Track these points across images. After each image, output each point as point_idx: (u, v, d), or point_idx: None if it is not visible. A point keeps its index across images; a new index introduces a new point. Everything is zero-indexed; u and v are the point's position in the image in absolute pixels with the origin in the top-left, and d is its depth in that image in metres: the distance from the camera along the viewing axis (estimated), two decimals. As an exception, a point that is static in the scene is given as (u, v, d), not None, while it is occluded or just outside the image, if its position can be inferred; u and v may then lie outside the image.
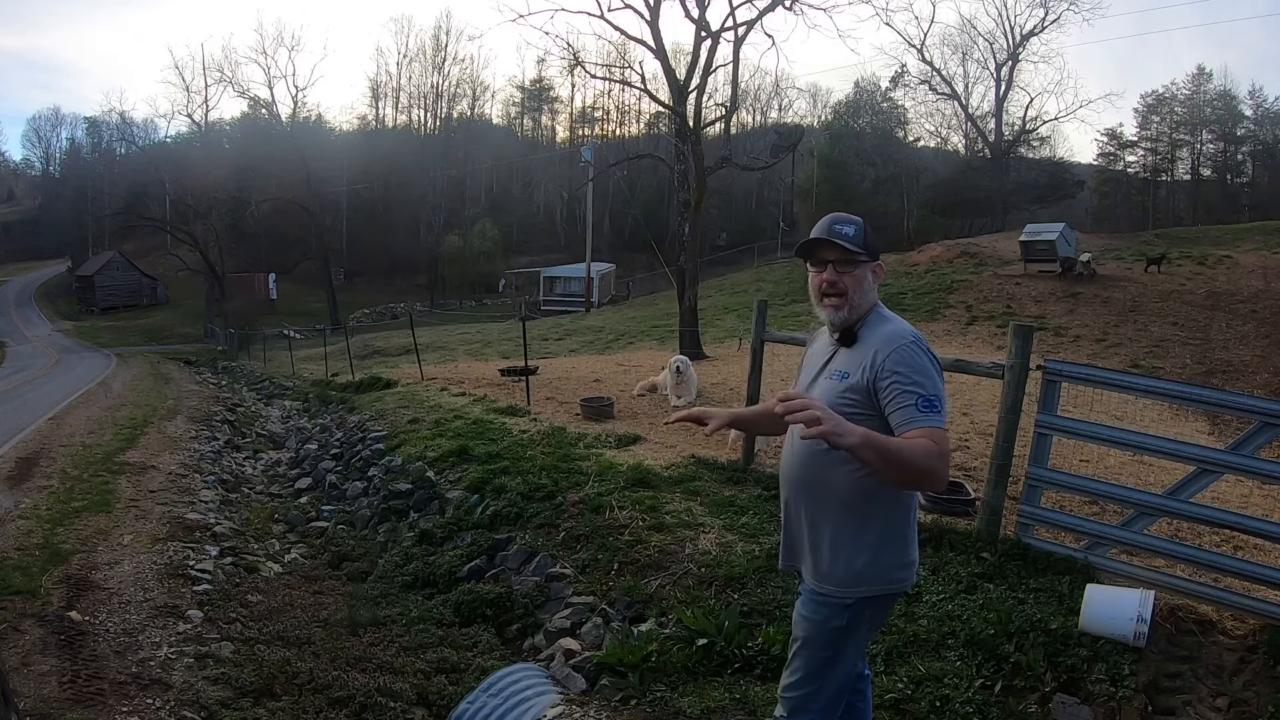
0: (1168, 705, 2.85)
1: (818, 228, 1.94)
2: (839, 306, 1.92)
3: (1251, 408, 3.41)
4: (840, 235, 1.91)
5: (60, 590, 4.41)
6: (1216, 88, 44.99)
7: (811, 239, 1.94)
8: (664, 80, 15.38)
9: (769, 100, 60.77)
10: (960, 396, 8.49)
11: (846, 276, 1.91)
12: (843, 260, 1.91)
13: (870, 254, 1.94)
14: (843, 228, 1.91)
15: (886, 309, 1.98)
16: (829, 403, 1.79)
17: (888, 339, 1.85)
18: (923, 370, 1.79)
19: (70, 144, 75.14)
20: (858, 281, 1.92)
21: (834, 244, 1.90)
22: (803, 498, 1.98)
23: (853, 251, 1.90)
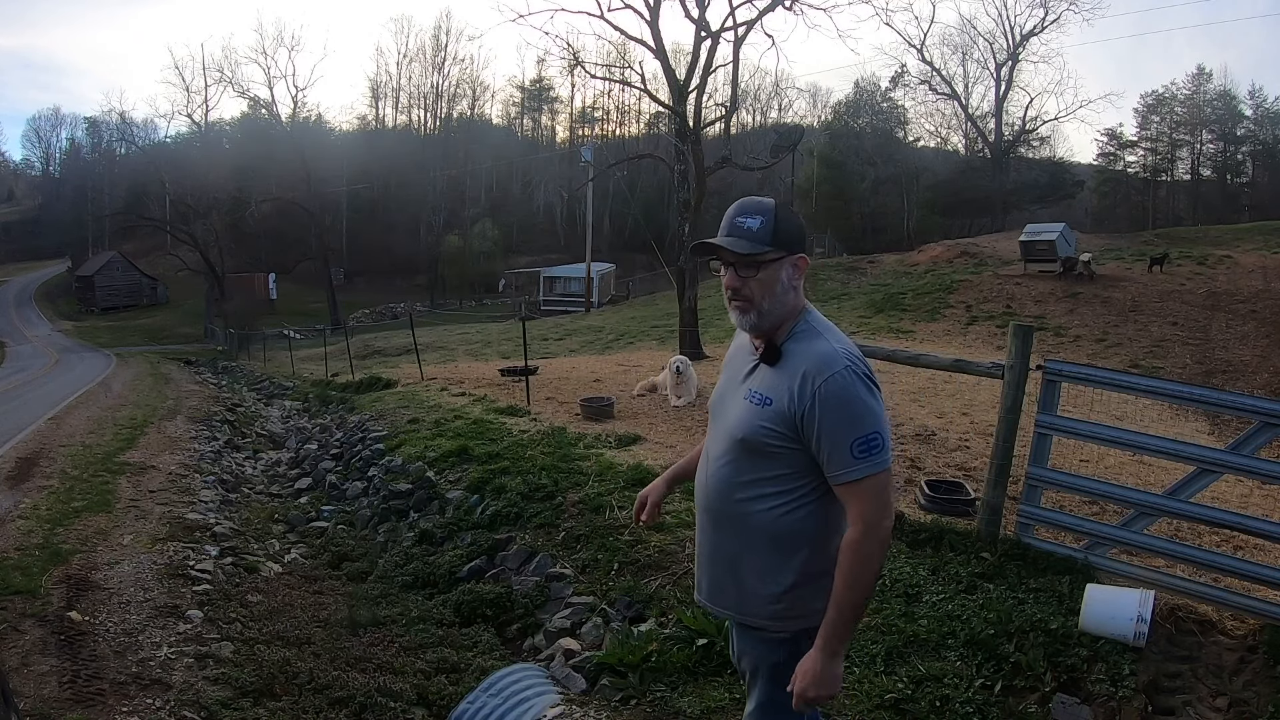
0: (1168, 705, 2.85)
1: (723, 220, 1.65)
2: (745, 310, 1.64)
3: (1251, 408, 3.41)
4: (740, 231, 1.60)
5: (60, 590, 4.41)
6: (1216, 88, 45.06)
7: (702, 243, 1.66)
8: (664, 80, 15.38)
9: (769, 100, 60.85)
10: (960, 396, 8.49)
11: (751, 280, 1.61)
12: (744, 262, 1.60)
13: (782, 247, 1.60)
14: (745, 220, 1.60)
15: (819, 316, 1.69)
16: (748, 430, 1.63)
17: (819, 363, 1.56)
18: (858, 402, 1.54)
19: (70, 144, 75.27)
20: (766, 285, 1.61)
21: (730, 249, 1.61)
22: (724, 530, 1.73)
23: (749, 255, 1.59)
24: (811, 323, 1.65)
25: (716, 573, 1.77)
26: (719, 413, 1.79)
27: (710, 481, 1.75)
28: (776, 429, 1.59)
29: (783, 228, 1.60)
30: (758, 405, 1.63)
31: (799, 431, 1.58)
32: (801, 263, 1.65)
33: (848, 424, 1.52)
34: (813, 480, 1.62)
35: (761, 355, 1.68)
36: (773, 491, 1.64)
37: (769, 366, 1.64)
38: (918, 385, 9.12)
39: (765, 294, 1.61)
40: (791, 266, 1.63)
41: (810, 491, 1.63)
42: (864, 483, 1.52)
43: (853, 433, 1.52)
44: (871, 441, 1.52)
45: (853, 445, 1.51)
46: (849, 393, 1.53)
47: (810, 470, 1.61)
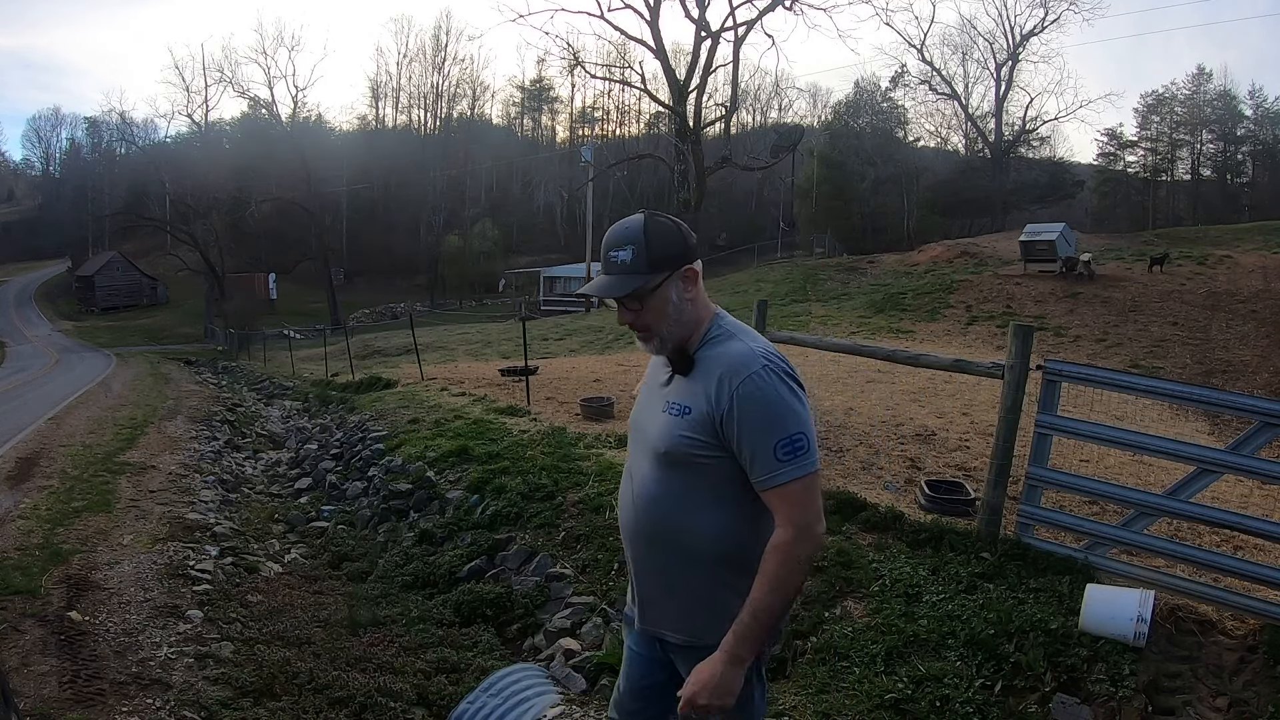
0: (1168, 705, 2.85)
1: (602, 252, 1.58)
2: (647, 339, 1.59)
3: (1251, 408, 3.41)
4: (614, 267, 1.53)
5: (60, 590, 4.41)
6: (1216, 88, 45.05)
7: (587, 290, 1.65)
8: (664, 80, 15.43)
9: (769, 100, 60.87)
10: (960, 396, 8.50)
11: (643, 311, 1.56)
12: (628, 298, 1.55)
13: (661, 268, 1.52)
14: (616, 255, 1.53)
15: (730, 319, 1.61)
16: (670, 442, 1.55)
17: (735, 365, 1.49)
18: (779, 403, 1.45)
19: (70, 144, 75.30)
20: (657, 311, 1.55)
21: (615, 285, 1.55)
22: (661, 552, 1.62)
23: (633, 285, 1.52)
24: (724, 326, 1.59)
25: (656, 597, 1.67)
26: (639, 430, 1.70)
27: (639, 503, 1.65)
28: (699, 438, 1.52)
29: (656, 247, 1.52)
30: (677, 416, 1.55)
31: (721, 438, 1.50)
32: (690, 274, 1.56)
33: (769, 425, 1.44)
34: (749, 490, 1.52)
35: (674, 366, 1.60)
36: (706, 506, 1.56)
37: (684, 376, 1.58)
38: (918, 385, 9.12)
39: (660, 319, 1.55)
40: (679, 282, 1.55)
41: (750, 503, 1.53)
42: (791, 486, 1.44)
43: (775, 434, 1.44)
44: (796, 442, 1.44)
45: (776, 447, 1.43)
46: (768, 392, 1.46)
47: (743, 479, 1.52)
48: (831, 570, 3.78)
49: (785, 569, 1.44)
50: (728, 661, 1.46)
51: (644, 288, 1.52)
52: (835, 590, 3.66)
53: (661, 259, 1.52)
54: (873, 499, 4.72)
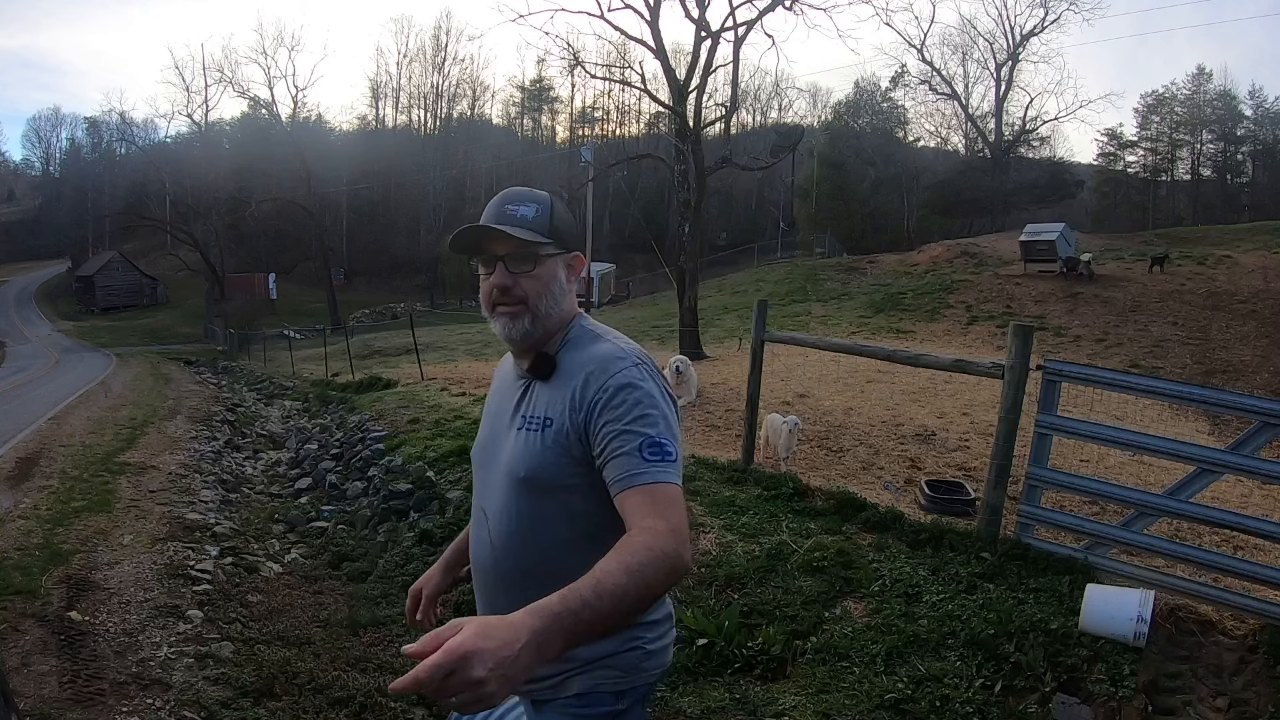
0: (1168, 705, 2.85)
1: (486, 211, 1.40)
2: (516, 315, 1.36)
3: (1251, 408, 3.41)
4: (514, 219, 1.35)
5: (60, 590, 4.41)
6: (1216, 88, 45.05)
7: (470, 228, 1.38)
8: (664, 80, 15.39)
9: (769, 100, 60.81)
10: (960, 396, 8.50)
11: (525, 277, 1.35)
12: (518, 255, 1.35)
13: (560, 242, 1.38)
14: (517, 209, 1.36)
15: (595, 322, 1.44)
16: (530, 463, 1.31)
17: (604, 362, 1.30)
18: (652, 402, 1.26)
19: (70, 144, 75.23)
20: (542, 282, 1.36)
21: (503, 233, 1.33)
22: (524, 594, 1.06)
23: (531, 242, 1.34)
24: (587, 327, 1.41)
25: None
26: (487, 461, 1.44)
27: (497, 544, 1.38)
28: (565, 455, 1.29)
29: (560, 221, 1.39)
30: (536, 431, 1.32)
31: (586, 446, 1.27)
32: (577, 263, 1.44)
33: (638, 421, 1.23)
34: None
35: (531, 369, 1.38)
36: (580, 540, 1.29)
37: (543, 383, 1.36)
38: (918, 385, 9.12)
39: (542, 294, 1.36)
40: (567, 266, 1.41)
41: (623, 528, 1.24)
42: (662, 488, 1.19)
43: (644, 433, 1.22)
44: (666, 448, 1.22)
45: (643, 446, 1.21)
46: (641, 387, 1.26)
47: None
48: (831, 570, 3.78)
49: (650, 557, 1.07)
50: (531, 630, 0.92)
51: (542, 249, 1.35)
52: (835, 590, 3.66)
53: (562, 234, 1.39)
54: (873, 499, 4.72)
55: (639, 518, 1.15)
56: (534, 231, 1.35)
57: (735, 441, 6.37)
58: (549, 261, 1.38)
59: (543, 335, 1.39)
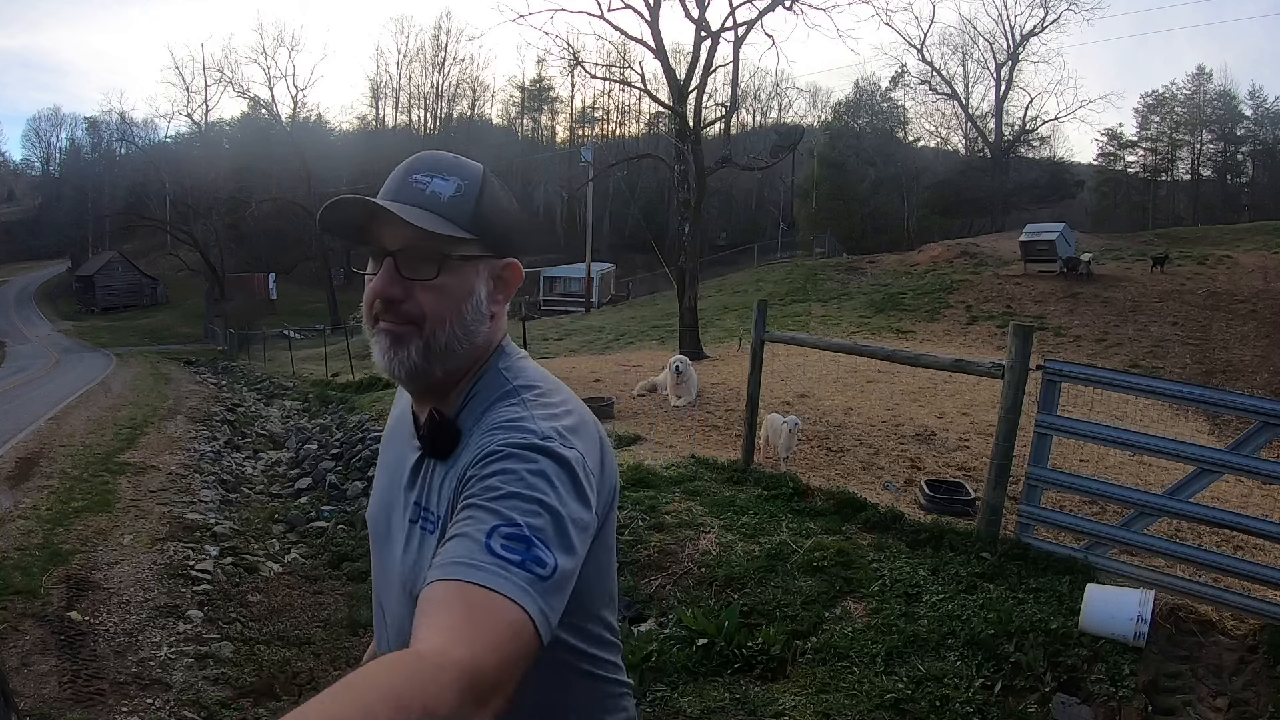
0: (1168, 705, 2.85)
1: (388, 180, 0.95)
2: (401, 340, 0.90)
3: (1251, 408, 3.41)
4: (419, 198, 0.90)
5: (60, 590, 4.41)
6: (1216, 88, 45.04)
7: (347, 200, 0.90)
8: (664, 80, 15.39)
9: (769, 100, 60.76)
10: (960, 396, 8.50)
11: (423, 287, 0.90)
12: (416, 252, 0.89)
13: (487, 242, 0.93)
14: (430, 181, 0.91)
15: (523, 360, 0.98)
16: (414, 584, 0.89)
17: (494, 429, 0.87)
18: (534, 482, 0.79)
19: (70, 144, 75.21)
20: (449, 298, 0.91)
21: (395, 216, 0.87)
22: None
23: (438, 235, 0.88)
24: (504, 370, 0.94)
25: None
26: (382, 539, 1.01)
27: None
28: None
29: (491, 208, 0.93)
30: (432, 533, 0.90)
31: None
32: (512, 275, 0.97)
33: (505, 502, 0.77)
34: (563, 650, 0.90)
35: (425, 442, 0.94)
36: None
37: (440, 461, 0.92)
38: (918, 385, 9.12)
39: (446, 315, 0.90)
40: (494, 279, 0.95)
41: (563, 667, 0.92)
42: (486, 598, 0.70)
43: (507, 517, 0.75)
44: (530, 549, 0.74)
45: (494, 533, 0.74)
46: (531, 464, 0.81)
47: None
48: (831, 570, 3.78)
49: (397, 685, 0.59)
50: None
51: (455, 247, 0.90)
52: (835, 590, 3.66)
53: (492, 226, 0.93)
54: (873, 499, 4.72)
55: (427, 626, 0.67)
56: (446, 220, 0.89)
57: (735, 441, 6.37)
58: (464, 268, 0.91)
59: (441, 377, 0.92)
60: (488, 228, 0.93)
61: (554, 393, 0.94)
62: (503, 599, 0.70)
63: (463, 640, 0.66)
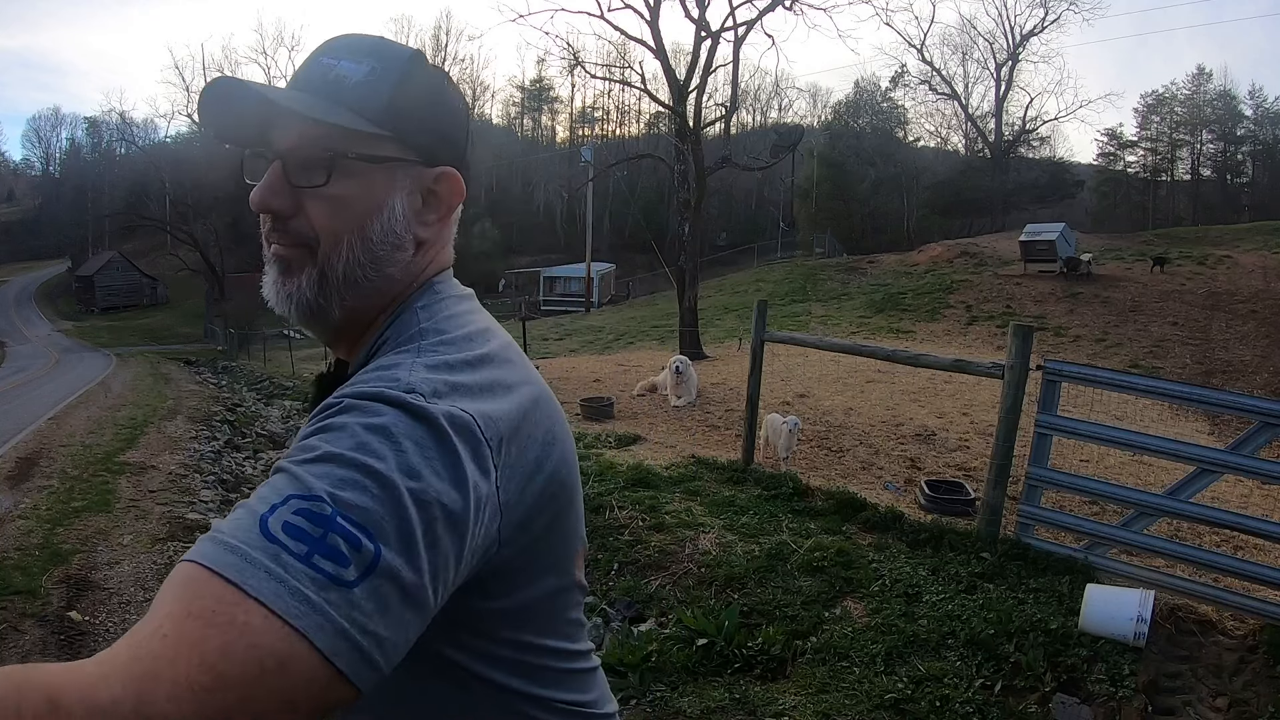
0: (1168, 705, 2.85)
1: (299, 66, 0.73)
2: (291, 271, 0.72)
3: (1251, 408, 3.42)
4: (324, 80, 0.70)
5: (60, 590, 4.41)
6: (1216, 88, 45.05)
7: (222, 82, 0.68)
8: (664, 80, 15.39)
9: (769, 100, 60.79)
10: (960, 396, 8.50)
11: (313, 197, 0.69)
12: (306, 154, 0.69)
13: (407, 139, 0.72)
14: (337, 64, 0.70)
15: (460, 300, 0.78)
16: None
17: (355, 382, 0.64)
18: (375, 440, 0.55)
19: (70, 144, 75.25)
20: (347, 212, 0.70)
21: (273, 105, 0.67)
22: None
23: (337, 128, 0.68)
24: (422, 312, 0.73)
25: None
26: None
27: None
28: None
29: (414, 99, 0.72)
30: None
31: None
32: (447, 186, 0.76)
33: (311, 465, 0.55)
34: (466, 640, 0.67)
35: (312, 399, 0.78)
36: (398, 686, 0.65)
37: None
38: (918, 385, 9.13)
39: (344, 233, 0.71)
40: (422, 192, 0.74)
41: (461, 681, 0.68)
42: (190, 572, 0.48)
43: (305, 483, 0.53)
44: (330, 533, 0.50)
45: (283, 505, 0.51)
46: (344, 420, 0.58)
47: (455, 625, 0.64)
48: (831, 570, 3.78)
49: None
50: None
51: (358, 146, 0.69)
52: (835, 590, 3.66)
53: (414, 124, 0.72)
54: (873, 499, 4.72)
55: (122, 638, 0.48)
56: (347, 109, 0.68)
57: (735, 441, 6.37)
58: (370, 173, 0.70)
59: (342, 318, 0.73)
60: (408, 123, 0.71)
61: (470, 343, 0.69)
62: (256, 607, 0.46)
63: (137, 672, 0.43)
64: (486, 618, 0.67)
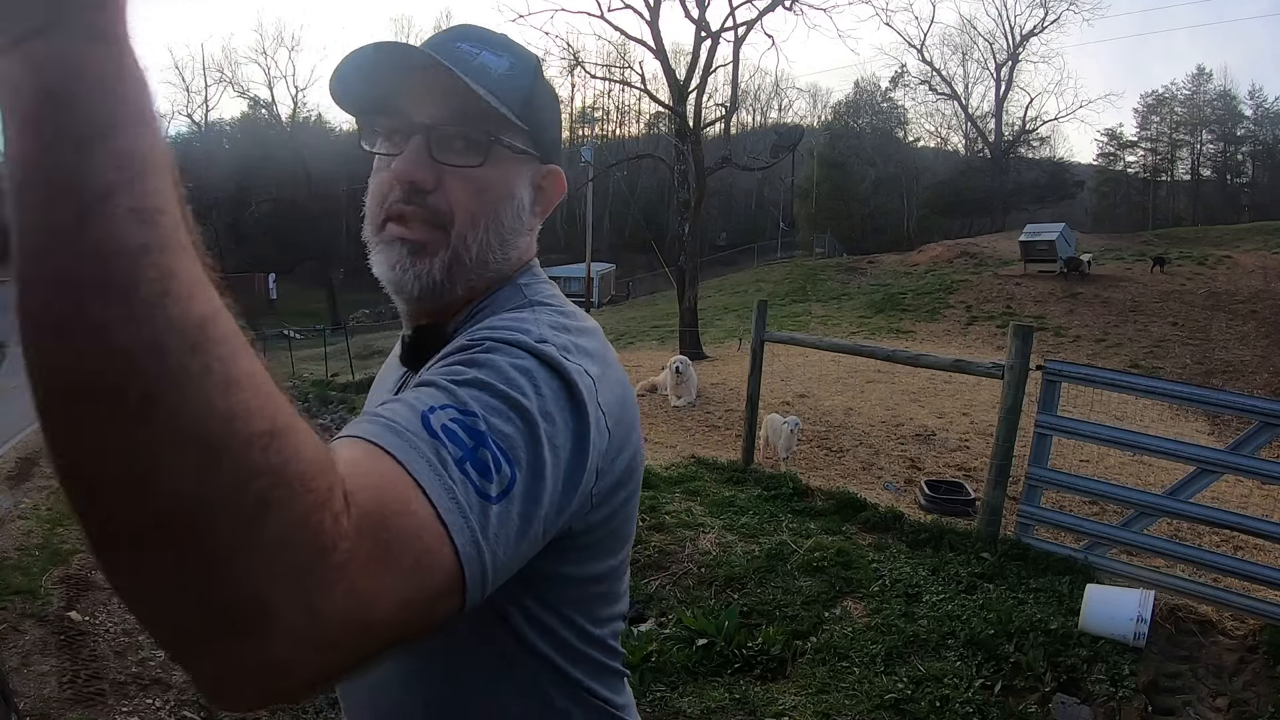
0: (1168, 705, 2.85)
1: (425, 42, 0.76)
2: (421, 250, 0.73)
3: (1251, 408, 3.42)
4: (469, 66, 0.71)
5: (60, 590, 4.41)
6: (1216, 88, 45.06)
7: (380, 46, 0.69)
8: (664, 80, 15.39)
9: (769, 100, 60.78)
10: (960, 396, 8.51)
11: (458, 176, 0.72)
12: (457, 133, 0.72)
13: (536, 140, 0.77)
14: (479, 53, 0.73)
15: (546, 284, 0.82)
16: None
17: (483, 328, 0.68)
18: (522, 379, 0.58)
19: (70, 144, 75.35)
20: (484, 193, 0.74)
21: (449, 79, 0.68)
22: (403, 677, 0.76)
23: (492, 111, 0.70)
24: (526, 289, 0.78)
25: None
26: None
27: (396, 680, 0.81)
28: None
29: (543, 102, 0.78)
30: None
31: None
32: (554, 185, 0.81)
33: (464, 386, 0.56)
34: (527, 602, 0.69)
35: (406, 349, 0.83)
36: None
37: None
38: (918, 385, 9.13)
39: (482, 216, 0.74)
40: (536, 187, 0.80)
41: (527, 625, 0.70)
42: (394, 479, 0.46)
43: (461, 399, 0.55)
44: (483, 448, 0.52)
45: (440, 409, 0.53)
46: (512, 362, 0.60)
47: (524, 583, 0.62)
48: (831, 570, 3.78)
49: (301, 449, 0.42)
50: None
51: (503, 132, 0.73)
52: (835, 590, 3.66)
53: (543, 124, 0.77)
54: (873, 499, 4.72)
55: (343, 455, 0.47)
56: (499, 98, 0.71)
57: (735, 441, 6.37)
58: (510, 163, 0.75)
59: (460, 297, 0.77)
60: (538, 123, 0.76)
61: (576, 316, 0.76)
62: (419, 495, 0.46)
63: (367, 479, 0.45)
64: (555, 583, 0.69)
